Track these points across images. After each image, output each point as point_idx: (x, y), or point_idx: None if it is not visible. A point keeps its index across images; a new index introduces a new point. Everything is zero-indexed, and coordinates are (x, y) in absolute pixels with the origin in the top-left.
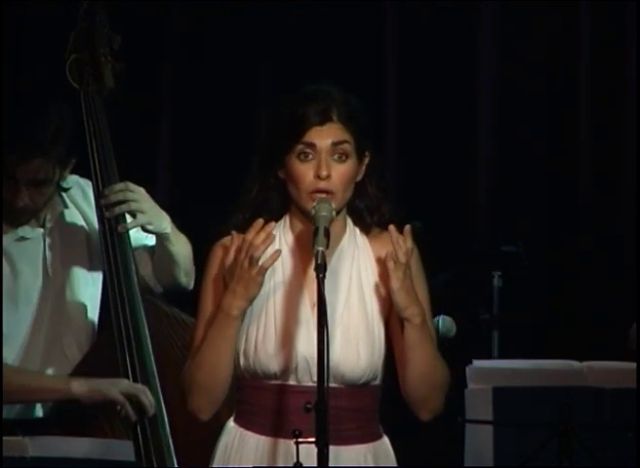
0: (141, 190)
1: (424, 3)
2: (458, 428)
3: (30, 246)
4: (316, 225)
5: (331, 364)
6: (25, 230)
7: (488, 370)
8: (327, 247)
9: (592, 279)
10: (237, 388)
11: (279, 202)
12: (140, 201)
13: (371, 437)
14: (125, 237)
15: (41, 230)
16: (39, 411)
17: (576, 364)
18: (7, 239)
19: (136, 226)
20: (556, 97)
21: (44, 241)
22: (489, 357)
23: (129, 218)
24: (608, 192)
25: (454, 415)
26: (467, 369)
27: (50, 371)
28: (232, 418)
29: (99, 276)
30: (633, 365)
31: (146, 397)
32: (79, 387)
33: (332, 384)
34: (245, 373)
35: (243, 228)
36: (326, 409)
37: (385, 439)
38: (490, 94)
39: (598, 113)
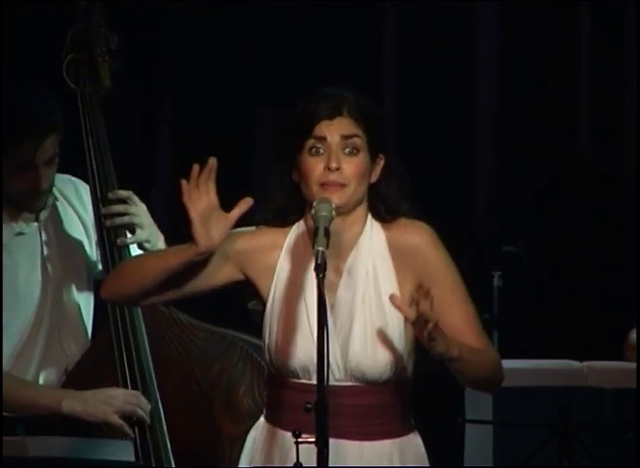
0: (143, 206)
1: (424, 3)
2: (458, 428)
3: (27, 240)
4: (316, 225)
5: (350, 364)
6: (22, 225)
7: None
8: (327, 246)
9: (592, 279)
10: (265, 385)
11: (296, 205)
12: (141, 216)
13: (398, 432)
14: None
15: (35, 224)
16: None
17: (576, 364)
18: (5, 234)
19: (135, 242)
20: (556, 97)
21: (40, 234)
22: None
23: (129, 235)
24: (608, 192)
25: (454, 415)
26: None
27: (48, 365)
28: (263, 414)
29: (93, 270)
30: (633, 365)
31: (142, 408)
32: (70, 407)
33: (353, 383)
34: (270, 370)
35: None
36: (326, 408)
37: (415, 434)
38: (490, 94)
39: (598, 113)
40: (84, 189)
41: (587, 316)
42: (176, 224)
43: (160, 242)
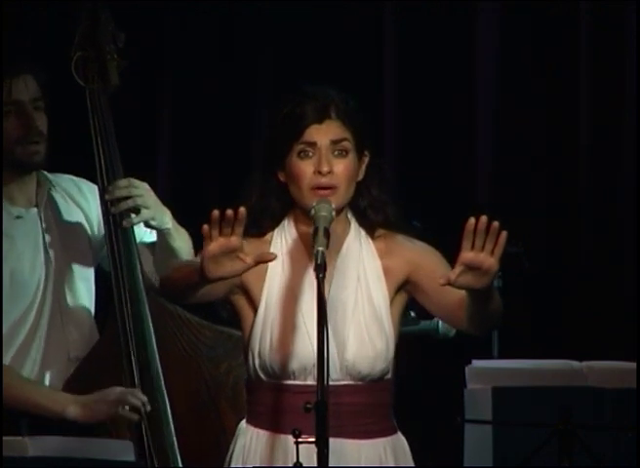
0: (145, 185)
1: (423, 3)
2: (458, 428)
3: (27, 224)
4: (316, 225)
5: (346, 362)
6: (20, 210)
7: (488, 370)
8: (327, 247)
9: (592, 279)
10: (248, 390)
11: (279, 206)
12: (145, 196)
13: (389, 431)
14: (129, 234)
15: (35, 209)
16: None
17: (576, 364)
18: (5, 220)
19: (140, 221)
20: (556, 97)
21: (40, 220)
22: (489, 357)
23: (133, 215)
24: (608, 192)
25: (454, 415)
26: (467, 369)
27: (51, 350)
28: (245, 420)
29: (95, 258)
30: (633, 365)
31: (135, 398)
32: (74, 414)
33: (349, 382)
34: (260, 373)
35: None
36: (326, 408)
37: (400, 433)
38: (489, 94)
39: (598, 113)
40: (86, 186)
41: (587, 316)
42: (179, 213)
43: (166, 218)
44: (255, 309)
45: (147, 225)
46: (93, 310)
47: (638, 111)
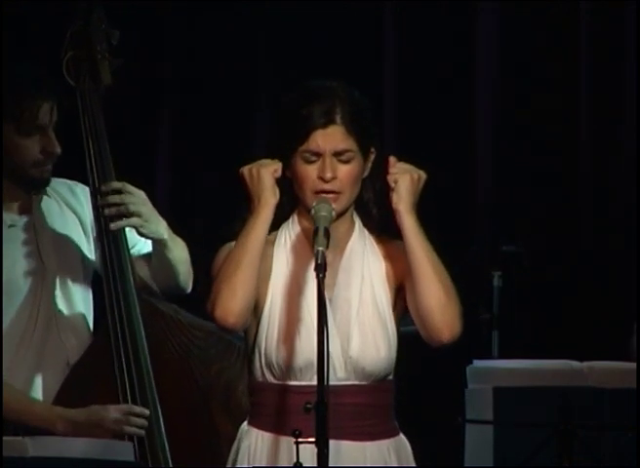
0: (140, 193)
1: (423, 2)
2: (458, 428)
3: (20, 232)
4: (316, 225)
5: (351, 360)
6: (14, 218)
7: (488, 369)
8: (327, 247)
9: (592, 279)
10: (252, 391)
11: (287, 199)
12: (138, 204)
13: (392, 432)
14: (120, 237)
15: (27, 217)
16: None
17: (576, 364)
18: None
19: (127, 226)
20: (556, 96)
21: (33, 227)
22: (489, 357)
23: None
24: (608, 192)
25: (454, 415)
26: (467, 369)
27: (47, 357)
28: (247, 421)
29: (90, 264)
30: (633, 365)
31: (132, 424)
32: (64, 431)
33: (353, 381)
34: (266, 373)
35: None
36: (326, 408)
37: (402, 435)
38: (490, 93)
39: (598, 113)
40: (80, 189)
41: (587, 316)
42: (179, 213)
43: (161, 228)
44: (259, 309)
45: (140, 234)
46: (91, 315)
47: (638, 111)
